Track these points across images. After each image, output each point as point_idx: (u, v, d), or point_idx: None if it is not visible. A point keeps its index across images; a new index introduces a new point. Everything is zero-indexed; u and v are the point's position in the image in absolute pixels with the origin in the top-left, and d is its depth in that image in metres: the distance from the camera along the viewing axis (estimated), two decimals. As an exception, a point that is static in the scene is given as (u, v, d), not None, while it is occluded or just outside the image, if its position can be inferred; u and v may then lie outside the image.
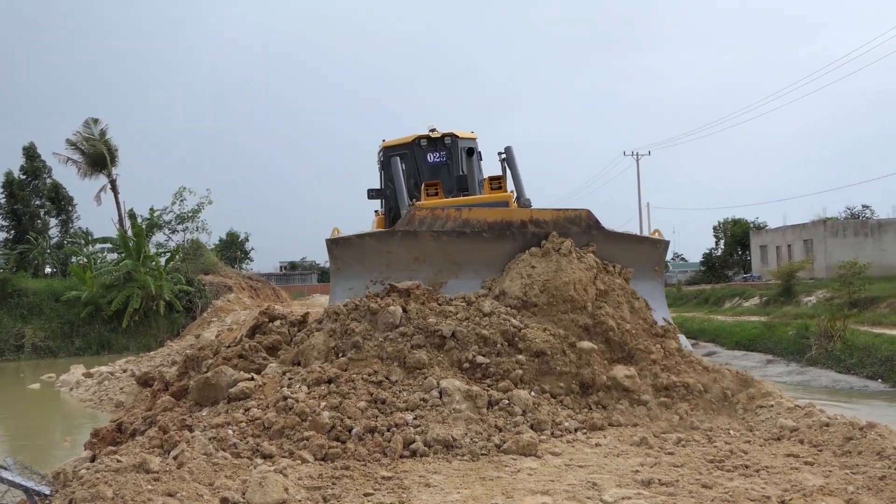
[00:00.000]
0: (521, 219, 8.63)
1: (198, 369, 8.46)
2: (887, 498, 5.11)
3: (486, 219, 8.58)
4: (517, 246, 8.52)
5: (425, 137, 12.06)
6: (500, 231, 8.55)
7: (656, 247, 9.27)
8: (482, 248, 8.59)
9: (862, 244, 42.25)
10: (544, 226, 8.56)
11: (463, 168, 11.90)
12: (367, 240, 8.78)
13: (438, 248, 8.59)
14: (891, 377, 17.45)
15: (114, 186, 40.56)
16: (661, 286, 9.25)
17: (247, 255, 66.36)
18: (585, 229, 8.68)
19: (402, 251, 8.59)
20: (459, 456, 6.06)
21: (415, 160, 12.05)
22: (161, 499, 5.01)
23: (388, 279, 8.42)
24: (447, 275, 8.63)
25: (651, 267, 9.11)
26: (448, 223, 8.52)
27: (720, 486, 5.24)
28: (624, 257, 8.81)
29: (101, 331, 28.83)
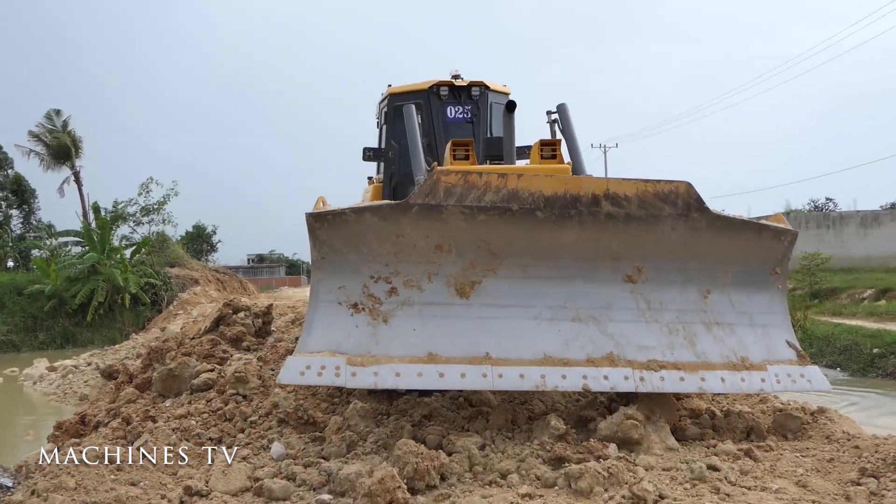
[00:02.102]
0: (592, 191, 6.10)
1: (162, 361, 8.49)
2: (835, 479, 5.29)
3: (541, 190, 6.02)
4: (586, 232, 6.16)
5: (447, 85, 9.25)
6: (563, 209, 6.06)
7: (780, 240, 6.76)
8: (535, 232, 6.12)
9: (824, 236, 42.84)
10: (625, 203, 6.14)
11: (492, 129, 9.19)
12: (368, 216, 5.98)
13: (471, 231, 6.05)
14: (849, 366, 17.80)
15: (77, 178, 40.11)
16: (782, 295, 6.95)
17: (213, 248, 65.90)
18: (683, 210, 6.25)
19: (418, 234, 6.04)
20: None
21: (431, 114, 9.22)
22: (124, 488, 5.05)
23: (395, 275, 6.07)
24: (482, 271, 6.20)
25: (770, 269, 6.80)
26: (487, 195, 5.96)
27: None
28: (733, 252, 6.57)
29: (66, 324, 28.51)
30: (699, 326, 6.36)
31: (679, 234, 6.29)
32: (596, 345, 6.08)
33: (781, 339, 6.65)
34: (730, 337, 6.40)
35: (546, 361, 5.91)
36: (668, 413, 6.35)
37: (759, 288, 6.71)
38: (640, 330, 6.22)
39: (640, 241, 6.25)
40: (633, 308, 6.30)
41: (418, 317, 6.01)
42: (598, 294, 6.27)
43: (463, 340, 5.94)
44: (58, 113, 40.76)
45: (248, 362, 7.69)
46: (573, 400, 6.95)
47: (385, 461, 5.28)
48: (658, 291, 6.36)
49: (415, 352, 5.83)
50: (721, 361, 6.22)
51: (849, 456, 5.64)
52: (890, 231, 43.54)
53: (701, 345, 6.28)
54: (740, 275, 6.63)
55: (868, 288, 26.71)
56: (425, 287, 6.08)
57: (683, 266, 6.45)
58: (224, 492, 5.20)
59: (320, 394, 7.07)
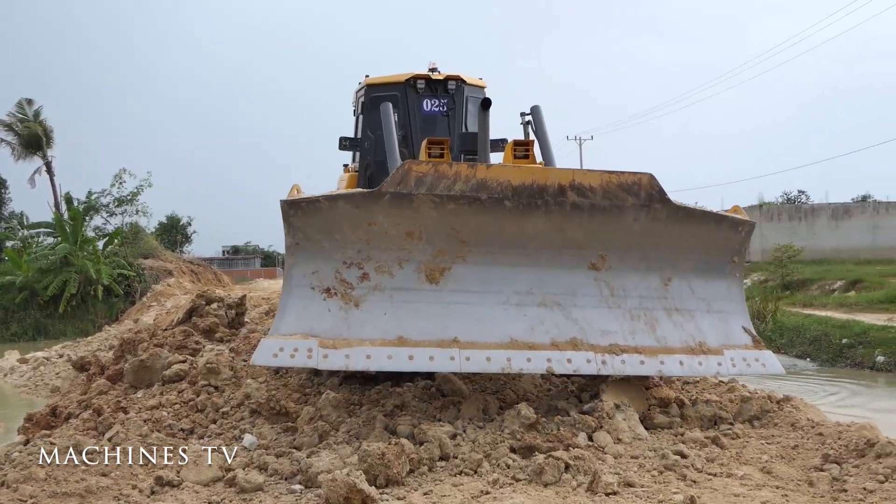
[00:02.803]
0: (558, 182, 6.27)
1: (134, 353, 8.46)
2: (799, 466, 5.40)
3: (510, 180, 6.20)
4: (552, 221, 6.35)
5: (423, 78, 9.33)
6: (530, 198, 6.25)
7: (737, 230, 6.97)
8: (503, 221, 6.30)
9: (796, 228, 43.34)
10: (590, 194, 6.32)
11: (467, 124, 9.26)
12: (341, 204, 6.12)
13: (441, 219, 6.21)
14: (818, 356, 18.05)
15: (49, 169, 39.66)
16: (739, 283, 7.15)
17: (188, 239, 65.47)
18: (646, 201, 6.44)
19: (389, 222, 6.18)
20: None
21: (407, 107, 9.33)
22: (95, 479, 5.05)
23: (367, 261, 6.21)
24: (452, 258, 6.35)
25: (728, 258, 7.00)
26: (457, 184, 6.12)
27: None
28: (693, 241, 6.77)
29: (37, 316, 28.26)
30: (660, 312, 6.63)
31: (641, 224, 6.50)
32: (560, 329, 6.31)
33: (738, 325, 6.91)
34: (689, 322, 6.67)
35: (512, 345, 6.13)
36: (637, 402, 6.47)
37: (717, 276, 6.93)
38: (603, 315, 6.46)
39: (604, 230, 6.47)
40: (597, 294, 6.54)
41: (389, 302, 6.17)
42: (564, 281, 6.49)
43: (432, 325, 6.13)
44: (29, 102, 40.29)
45: (220, 353, 7.70)
46: (544, 389, 7.02)
47: (356, 451, 5.31)
48: (621, 279, 6.60)
49: (385, 335, 6.01)
50: (680, 346, 6.49)
51: (813, 443, 5.75)
52: (860, 223, 44.11)
53: (661, 330, 6.55)
54: (700, 263, 6.85)
55: (838, 279, 27.08)
56: (396, 273, 6.25)
57: (645, 255, 6.67)
58: (196, 482, 5.21)
59: (292, 384, 7.09)
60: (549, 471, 5.01)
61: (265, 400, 6.53)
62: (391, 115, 8.15)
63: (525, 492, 4.83)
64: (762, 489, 4.86)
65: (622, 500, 4.69)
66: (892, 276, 25.35)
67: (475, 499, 4.73)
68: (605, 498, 4.72)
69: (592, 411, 6.14)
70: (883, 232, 43.48)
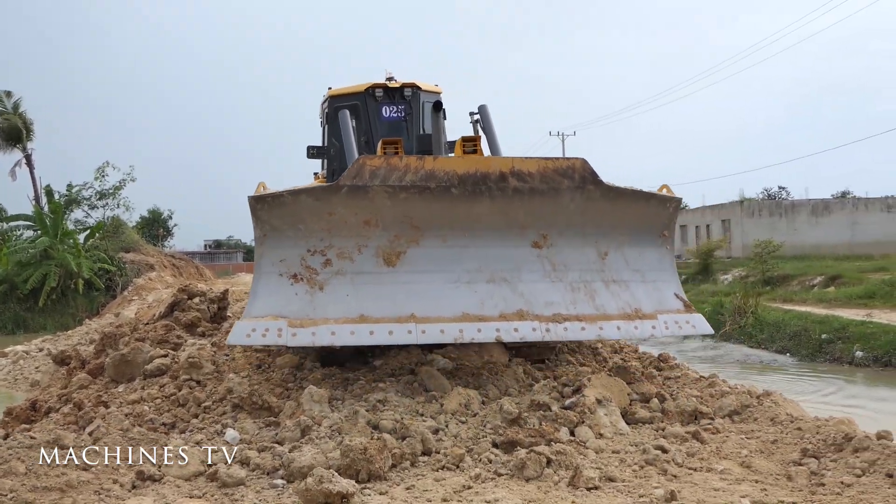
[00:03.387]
0: (499, 169, 6.84)
1: (115, 347, 8.40)
2: (778, 460, 5.46)
3: (455, 170, 6.78)
4: (496, 205, 6.91)
5: (381, 87, 9.98)
6: (475, 185, 6.79)
7: (665, 206, 7.54)
8: (451, 207, 6.86)
9: (776, 224, 43.66)
10: (529, 179, 6.87)
11: (424, 126, 9.86)
12: (303, 198, 6.72)
13: (395, 207, 6.77)
14: (798, 351, 18.21)
15: (29, 161, 39.29)
16: (670, 254, 7.70)
17: (170, 233, 65.11)
18: (580, 183, 6.97)
19: (348, 212, 6.73)
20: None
21: (367, 114, 9.95)
22: (75, 473, 5.03)
23: (330, 248, 6.77)
24: (406, 242, 6.92)
25: (659, 231, 7.58)
26: (407, 175, 6.67)
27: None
28: (626, 219, 7.36)
29: (17, 310, 28.02)
30: (598, 283, 7.23)
31: (577, 204, 7.07)
32: (508, 302, 6.90)
33: (670, 292, 7.47)
34: (625, 292, 7.26)
35: (464, 318, 6.73)
36: (619, 397, 6.53)
37: (649, 248, 7.51)
38: (546, 288, 7.05)
39: (543, 211, 7.04)
40: (540, 270, 7.13)
41: (350, 284, 6.75)
42: (509, 259, 7.07)
43: (390, 303, 6.70)
44: (8, 94, 39.85)
45: (202, 347, 7.67)
46: (527, 384, 7.04)
47: (339, 446, 5.31)
48: (561, 255, 7.20)
49: (348, 314, 6.59)
50: (617, 313, 7.10)
51: (792, 437, 5.81)
52: (840, 219, 44.51)
53: (600, 299, 7.14)
54: (633, 237, 7.43)
55: (818, 275, 27.30)
56: (356, 258, 6.83)
57: (582, 232, 7.24)
58: (177, 476, 5.20)
59: (275, 379, 7.07)
60: (531, 465, 5.04)
61: (247, 394, 6.51)
62: (349, 122, 8.90)
63: (507, 486, 4.85)
64: (742, 483, 4.91)
65: (603, 495, 4.72)
66: (870, 272, 25.60)
67: (457, 493, 4.75)
68: (587, 493, 4.75)
69: (574, 406, 6.17)
70: (861, 228, 43.91)
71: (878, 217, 44.74)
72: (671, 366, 8.13)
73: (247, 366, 7.31)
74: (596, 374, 6.80)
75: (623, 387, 6.74)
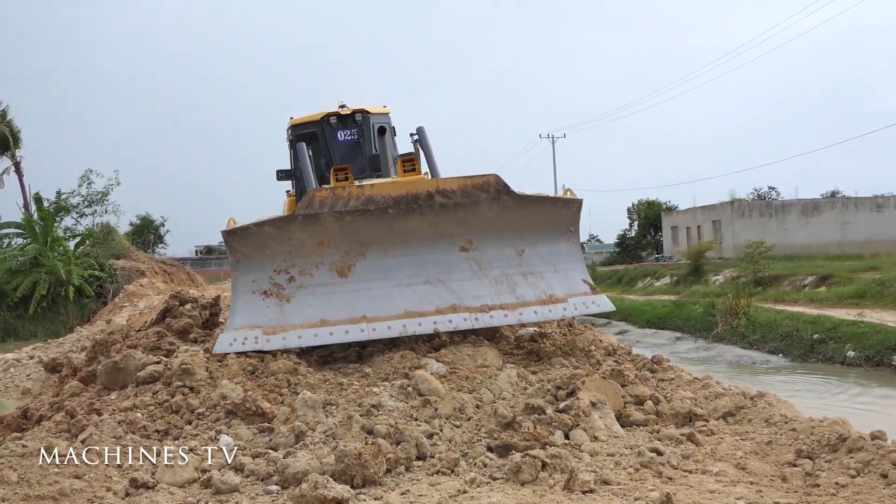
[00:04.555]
0: (427, 190, 8.11)
1: (107, 354, 8.36)
2: (772, 461, 5.46)
3: (389, 193, 8.02)
4: (426, 219, 8.14)
5: (335, 115, 11.38)
6: (407, 205, 8.03)
7: (569, 207, 8.79)
8: (389, 224, 8.07)
9: (767, 224, 43.82)
10: (452, 195, 8.12)
11: (375, 147, 11.09)
12: (266, 227, 7.96)
13: (343, 229, 8.00)
14: (790, 352, 18.26)
15: (18, 169, 39.11)
16: (577, 246, 8.97)
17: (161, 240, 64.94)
18: (495, 195, 8.23)
19: (304, 236, 8.00)
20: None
21: (325, 139, 11.39)
22: (68, 481, 5.00)
23: (292, 267, 8.05)
24: (355, 257, 8.16)
25: (566, 229, 8.79)
26: (350, 202, 7.94)
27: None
28: (537, 221, 8.56)
29: (7, 317, 27.84)
30: (518, 276, 8.46)
31: (495, 212, 8.29)
32: (442, 299, 8.14)
33: (578, 278, 8.70)
34: (541, 281, 8.49)
35: (406, 315, 7.97)
36: (613, 400, 6.53)
37: (559, 243, 8.73)
38: (474, 285, 8.30)
39: (467, 221, 8.28)
40: (468, 269, 8.37)
41: (311, 295, 8.04)
42: (442, 262, 8.33)
43: (345, 308, 7.98)
44: (-6, 103, 39.72)
45: (194, 354, 7.61)
46: (521, 388, 7.03)
47: (333, 452, 5.29)
48: (485, 255, 8.44)
49: (311, 320, 7.89)
50: (535, 299, 8.34)
51: (786, 438, 5.80)
52: (830, 219, 44.71)
53: (520, 290, 8.37)
54: (544, 235, 8.64)
55: (809, 275, 27.38)
56: (314, 273, 8.11)
57: (501, 234, 8.44)
58: (171, 483, 5.18)
59: (268, 384, 7.05)
60: (526, 469, 5.03)
61: (241, 401, 6.49)
62: (306, 153, 10.50)
63: (502, 490, 4.84)
64: (737, 485, 4.91)
65: (599, 498, 4.72)
66: (861, 272, 25.69)
67: (452, 498, 4.74)
68: (582, 496, 4.74)
69: (569, 409, 6.17)
70: (852, 227, 44.13)
71: (867, 216, 44.97)
72: (665, 368, 8.13)
73: (240, 372, 7.28)
74: (590, 376, 6.79)
75: (617, 389, 6.74)
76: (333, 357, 8.26)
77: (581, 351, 8.43)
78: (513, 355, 8.56)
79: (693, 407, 6.66)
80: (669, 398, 6.94)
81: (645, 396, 6.80)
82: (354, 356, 8.18)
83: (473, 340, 8.25)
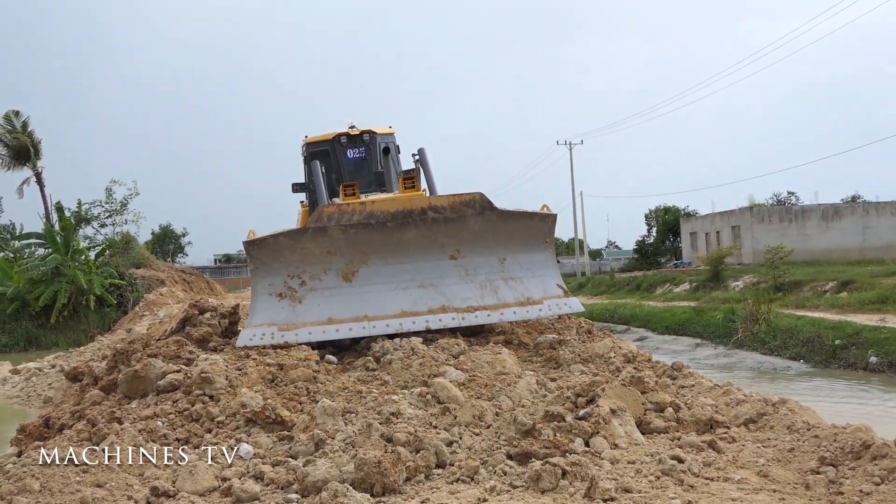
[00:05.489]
0: (420, 206, 9.27)
1: (127, 363, 8.40)
2: (795, 469, 5.40)
3: (388, 209, 9.19)
4: (420, 231, 9.28)
5: (345, 135, 12.51)
6: (403, 219, 9.17)
7: (545, 221, 9.96)
8: (388, 236, 9.21)
9: (787, 230, 43.53)
10: (442, 211, 9.29)
11: (380, 164, 12.28)
12: (281, 239, 9.14)
13: (347, 240, 9.12)
14: (812, 358, 18.07)
15: (39, 179, 39.52)
16: (552, 255, 10.22)
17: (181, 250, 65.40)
18: (480, 210, 9.38)
19: (314, 246, 9.09)
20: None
21: (336, 156, 12.47)
22: (90, 490, 5.02)
23: (303, 273, 9.12)
24: (358, 264, 9.26)
25: (542, 240, 10.00)
26: (354, 217, 9.10)
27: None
28: (517, 233, 9.72)
29: (29, 327, 28.06)
30: (500, 282, 9.63)
31: (480, 226, 9.49)
32: (434, 301, 9.27)
33: (553, 283, 9.85)
34: (520, 285, 9.66)
35: (402, 315, 9.10)
36: (633, 407, 6.49)
37: (536, 252, 9.92)
38: (462, 288, 9.45)
39: (456, 233, 9.46)
40: (457, 275, 9.53)
41: (320, 297, 9.15)
42: (434, 269, 9.46)
43: (349, 308, 9.11)
44: (16, 114, 40.13)
45: (214, 363, 7.65)
46: (540, 395, 7.01)
47: (353, 460, 5.29)
48: (472, 263, 9.59)
49: (319, 318, 8.99)
50: (514, 301, 9.50)
51: (809, 445, 5.74)
52: (850, 224, 44.36)
53: (501, 293, 9.54)
54: (524, 246, 9.83)
55: (830, 280, 27.12)
56: (323, 278, 9.22)
57: (485, 245, 9.61)
58: (191, 492, 5.19)
59: (287, 392, 7.07)
60: (546, 477, 5.01)
61: (260, 409, 6.51)
62: (319, 170, 11.59)
63: (522, 498, 4.82)
64: (759, 493, 4.86)
65: (620, 506, 4.68)
66: (882, 277, 25.42)
67: (473, 506, 4.72)
68: (603, 504, 4.71)
69: (588, 417, 6.13)
70: (873, 232, 43.75)
71: (889, 221, 44.55)
72: (685, 374, 8.08)
73: (260, 380, 7.30)
74: (609, 383, 6.75)
75: (637, 396, 6.70)
76: (353, 366, 8.28)
77: (600, 357, 8.40)
78: (531, 362, 8.55)
79: (714, 414, 6.61)
80: (690, 405, 6.89)
81: (665, 403, 6.76)
82: (374, 364, 8.19)
83: (492, 348, 8.26)
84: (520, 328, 9.81)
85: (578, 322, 10.96)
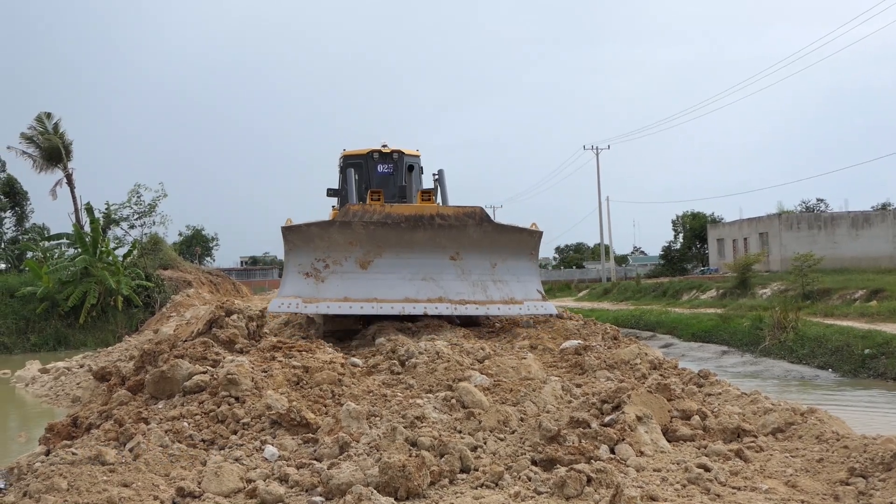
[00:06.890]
0: (430, 213, 11.13)
1: (154, 363, 8.46)
2: (824, 479, 5.32)
3: (403, 213, 11.08)
4: (428, 234, 11.09)
5: (378, 152, 14.47)
6: (415, 222, 11.02)
7: (532, 236, 11.81)
8: (401, 235, 11.02)
9: (815, 237, 43.10)
10: (448, 219, 11.13)
11: (404, 180, 14.17)
12: (313, 227, 11.00)
13: (367, 234, 10.96)
14: (840, 367, 17.84)
15: (70, 181, 39.96)
16: (536, 265, 12.19)
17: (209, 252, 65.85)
18: (479, 222, 11.27)
19: (339, 237, 10.93)
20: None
21: (368, 169, 14.39)
22: (116, 489, 5.06)
23: (328, 258, 10.93)
24: (374, 255, 11.07)
25: (529, 251, 11.88)
26: (375, 216, 10.90)
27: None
28: (508, 243, 11.60)
29: (58, 326, 28.40)
30: (489, 282, 11.45)
31: (478, 234, 11.34)
32: (433, 292, 11.03)
33: (534, 288, 11.70)
34: (506, 287, 11.48)
35: (406, 300, 10.81)
36: (659, 414, 6.43)
37: (523, 261, 11.79)
38: (458, 284, 11.24)
39: (457, 238, 11.29)
40: (454, 273, 11.34)
41: (340, 279, 10.93)
42: (435, 266, 11.25)
43: (363, 290, 10.80)
44: (48, 116, 40.65)
45: (240, 364, 7.69)
46: (565, 401, 6.98)
47: (377, 463, 5.29)
48: (468, 264, 11.40)
49: (337, 296, 10.70)
50: (500, 299, 11.30)
51: (838, 456, 5.66)
52: (881, 232, 43.82)
53: (490, 291, 11.34)
54: (513, 254, 11.68)
55: (859, 289, 26.80)
56: (343, 263, 11.03)
57: (480, 251, 11.42)
58: (216, 493, 5.21)
59: (312, 395, 7.08)
60: (571, 484, 4.98)
61: (286, 411, 6.53)
62: (353, 178, 13.67)
63: (547, 504, 4.79)
64: (787, 503, 4.80)
65: (645, 514, 4.64)
66: (914, 286, 25.04)
67: (497, 512, 4.70)
68: (628, 511, 4.67)
69: (614, 423, 6.09)
70: (904, 241, 43.10)
71: (920, 229, 43.92)
72: (712, 382, 8.00)
73: (285, 382, 7.32)
74: (635, 390, 6.70)
75: (663, 403, 6.64)
76: (377, 369, 8.29)
77: (626, 364, 8.35)
78: (557, 367, 8.52)
79: (741, 422, 6.54)
80: (717, 413, 6.83)
81: (692, 411, 6.70)
82: (399, 367, 8.20)
83: (517, 353, 8.24)
84: (545, 333, 9.82)
85: (604, 328, 11.04)
